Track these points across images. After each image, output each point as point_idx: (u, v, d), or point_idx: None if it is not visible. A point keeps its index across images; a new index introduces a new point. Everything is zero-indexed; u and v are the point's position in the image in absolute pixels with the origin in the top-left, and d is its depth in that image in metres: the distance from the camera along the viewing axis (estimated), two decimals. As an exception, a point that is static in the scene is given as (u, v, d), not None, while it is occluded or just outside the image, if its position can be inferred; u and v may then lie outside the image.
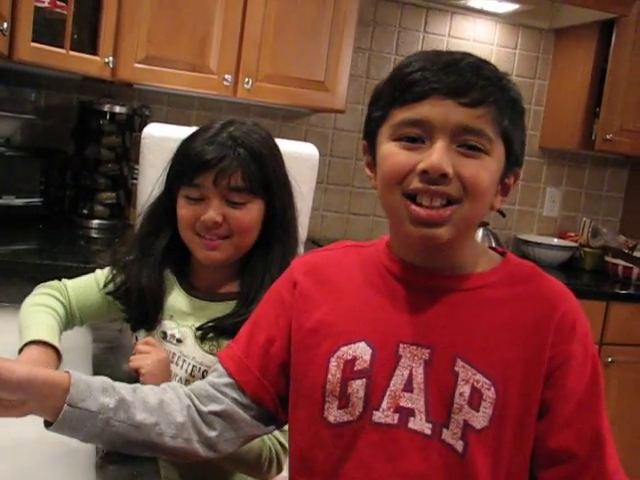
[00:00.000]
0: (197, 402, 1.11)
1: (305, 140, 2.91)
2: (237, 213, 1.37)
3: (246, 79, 2.88)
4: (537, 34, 3.65)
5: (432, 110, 0.97)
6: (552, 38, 3.68)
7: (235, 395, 1.12)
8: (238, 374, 1.12)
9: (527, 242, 3.61)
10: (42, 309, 1.40)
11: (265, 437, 1.31)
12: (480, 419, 0.97)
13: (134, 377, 1.28)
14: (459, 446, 0.98)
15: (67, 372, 1.01)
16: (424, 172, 0.97)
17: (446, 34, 3.53)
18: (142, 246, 1.46)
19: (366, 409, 1.01)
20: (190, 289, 1.45)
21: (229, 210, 1.37)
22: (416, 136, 0.99)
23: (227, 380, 1.13)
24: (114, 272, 1.48)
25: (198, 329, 1.39)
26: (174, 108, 3.26)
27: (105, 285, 1.48)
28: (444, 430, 0.98)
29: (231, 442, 1.13)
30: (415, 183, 0.98)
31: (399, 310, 1.04)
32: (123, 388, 1.06)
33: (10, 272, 2.08)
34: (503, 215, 3.47)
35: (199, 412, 1.10)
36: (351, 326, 1.05)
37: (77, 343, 1.51)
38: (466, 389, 0.98)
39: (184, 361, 1.38)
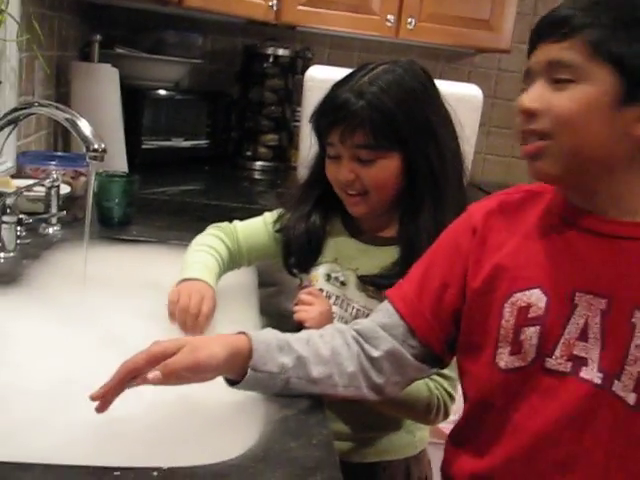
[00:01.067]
0: (366, 346, 1.11)
1: (468, 81, 2.84)
2: (367, 171, 1.33)
3: (409, 19, 2.84)
4: None
5: (532, 58, 1.01)
6: None
7: (404, 337, 1.12)
8: (410, 316, 1.12)
9: None
10: (204, 249, 1.45)
11: (432, 385, 1.32)
12: None
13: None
14: (631, 398, 0.95)
15: (244, 334, 1.05)
16: (521, 112, 1.00)
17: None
18: (301, 193, 1.48)
19: (539, 356, 1.00)
20: (355, 233, 1.45)
21: (359, 168, 1.33)
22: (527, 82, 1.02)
23: (397, 322, 1.12)
24: (281, 213, 1.51)
25: (361, 278, 1.40)
26: (336, 50, 3.26)
27: (274, 224, 1.51)
28: (615, 382, 0.96)
29: (397, 385, 1.14)
30: (519, 125, 1.01)
31: (574, 258, 1.00)
32: (297, 342, 1.08)
33: (180, 211, 2.16)
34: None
35: (369, 358, 1.11)
36: (526, 272, 1.03)
37: (244, 283, 1.55)
38: None
39: (348, 304, 1.40)
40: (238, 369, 1.02)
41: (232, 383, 1.03)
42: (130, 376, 0.94)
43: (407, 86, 1.33)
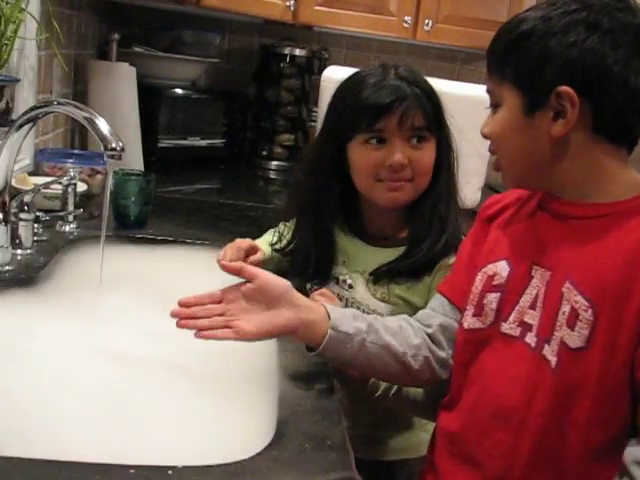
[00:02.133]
0: (423, 325, 1.22)
1: (484, 84, 2.82)
2: (419, 154, 1.36)
3: (426, 20, 2.84)
4: None
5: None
6: None
7: (453, 315, 1.22)
8: (451, 294, 1.23)
9: None
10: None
11: None
12: (575, 338, 1.00)
13: None
14: (553, 362, 1.02)
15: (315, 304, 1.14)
16: None
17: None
18: (312, 202, 1.45)
19: (496, 320, 1.12)
20: (362, 235, 1.45)
21: (412, 152, 1.35)
22: None
23: (449, 306, 1.23)
24: (282, 229, 1.52)
25: (371, 273, 1.40)
26: (353, 51, 3.26)
27: (275, 243, 1.53)
28: (545, 345, 1.04)
29: None
30: None
31: (537, 236, 1.11)
32: (366, 315, 1.19)
33: (195, 210, 2.17)
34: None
35: (428, 334, 1.20)
36: (499, 247, 1.15)
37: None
38: (567, 309, 1.01)
39: (357, 308, 1.40)
40: (319, 328, 1.10)
41: (311, 350, 1.12)
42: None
43: (429, 82, 1.41)
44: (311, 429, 0.96)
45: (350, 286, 1.43)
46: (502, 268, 1.12)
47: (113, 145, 1.27)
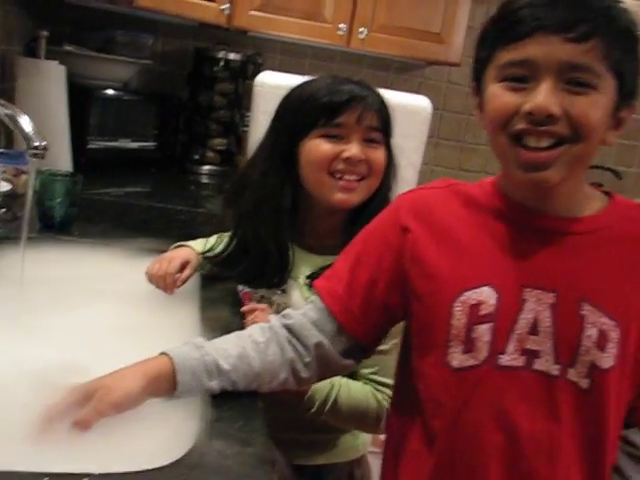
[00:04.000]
0: (301, 348, 1.12)
1: (418, 93, 2.86)
2: (375, 153, 1.39)
3: (360, 29, 2.85)
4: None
5: (537, 49, 0.93)
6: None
7: (334, 334, 1.12)
8: (340, 314, 1.12)
9: (645, 207, 3.46)
10: None
11: (380, 397, 1.34)
12: (607, 359, 0.98)
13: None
14: (584, 383, 0.99)
15: (168, 357, 1.03)
16: (529, 113, 0.94)
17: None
18: (264, 205, 1.42)
19: (492, 353, 1.01)
20: (298, 241, 1.45)
21: (368, 149, 1.38)
22: (521, 76, 0.96)
23: (327, 318, 1.13)
24: (224, 236, 1.51)
25: (308, 277, 1.40)
26: (287, 56, 3.26)
27: (209, 250, 1.51)
28: (570, 370, 0.99)
29: (320, 378, 1.19)
30: (521, 124, 0.95)
31: (521, 254, 1.02)
32: (228, 359, 1.06)
33: (124, 213, 2.13)
34: (619, 177, 3.34)
35: (303, 362, 1.12)
36: (472, 270, 1.04)
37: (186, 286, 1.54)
38: (593, 332, 0.98)
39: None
40: (162, 392, 1.01)
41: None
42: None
43: None
44: (233, 435, 0.95)
45: (284, 291, 1.43)
46: (488, 295, 1.01)
47: (36, 143, 1.24)
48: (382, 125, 1.39)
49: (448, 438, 1.04)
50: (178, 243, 1.56)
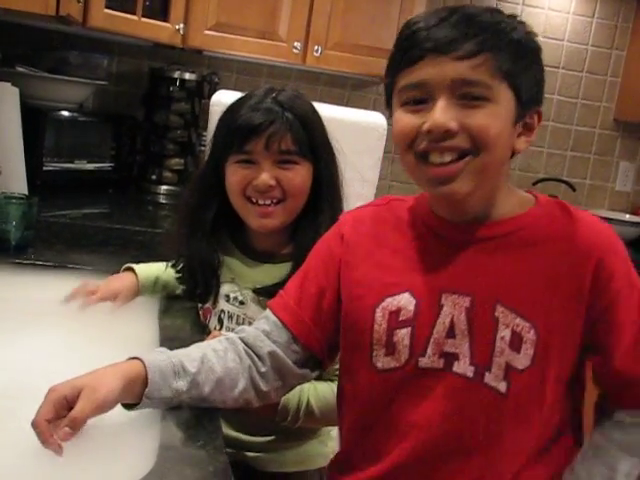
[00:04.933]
0: (256, 359, 1.15)
1: (374, 109, 2.88)
2: (289, 174, 1.38)
3: (315, 47, 2.87)
4: (617, 1, 3.53)
5: (428, 70, 0.99)
6: (634, 6, 3.54)
7: (288, 344, 1.16)
8: (292, 324, 1.16)
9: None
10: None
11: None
12: (522, 360, 1.01)
13: None
14: (502, 386, 1.02)
15: (139, 360, 1.05)
16: (429, 132, 0.99)
17: (520, 2, 3.44)
18: (192, 220, 1.47)
19: (412, 356, 1.06)
20: (248, 252, 1.47)
21: (281, 172, 1.38)
22: (420, 98, 1.01)
23: (280, 329, 1.16)
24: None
25: (256, 291, 1.41)
26: (243, 75, 3.26)
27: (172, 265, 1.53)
28: (486, 373, 1.03)
29: (280, 391, 1.20)
30: (424, 144, 1.00)
31: (440, 263, 1.07)
32: (191, 363, 1.09)
33: (81, 235, 2.11)
34: (573, 189, 3.40)
35: (258, 372, 1.14)
36: (395, 278, 1.09)
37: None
38: (507, 333, 1.01)
39: (249, 323, 1.40)
40: (134, 396, 1.02)
41: (127, 406, 1.03)
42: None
43: (310, 105, 1.44)
44: (193, 455, 0.95)
45: (241, 302, 1.44)
46: (407, 301, 1.07)
47: (-10, 166, 1.23)
48: (299, 146, 1.38)
49: (376, 435, 1.11)
50: (127, 265, 1.57)
